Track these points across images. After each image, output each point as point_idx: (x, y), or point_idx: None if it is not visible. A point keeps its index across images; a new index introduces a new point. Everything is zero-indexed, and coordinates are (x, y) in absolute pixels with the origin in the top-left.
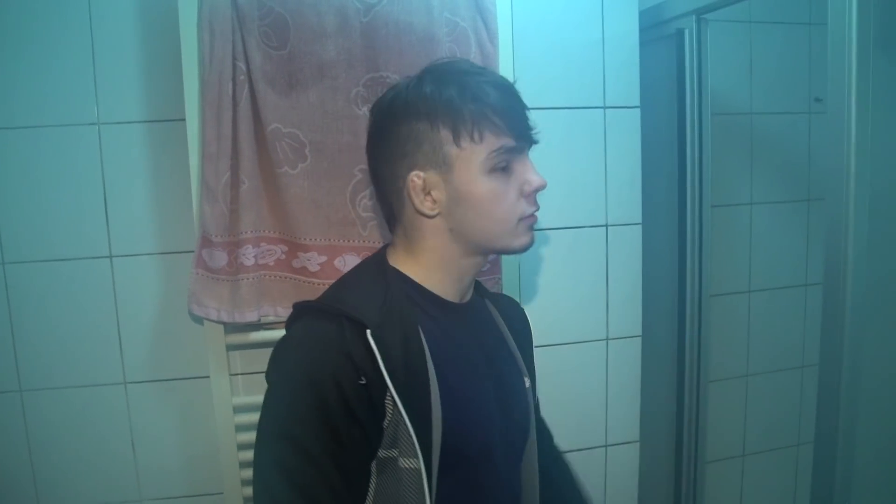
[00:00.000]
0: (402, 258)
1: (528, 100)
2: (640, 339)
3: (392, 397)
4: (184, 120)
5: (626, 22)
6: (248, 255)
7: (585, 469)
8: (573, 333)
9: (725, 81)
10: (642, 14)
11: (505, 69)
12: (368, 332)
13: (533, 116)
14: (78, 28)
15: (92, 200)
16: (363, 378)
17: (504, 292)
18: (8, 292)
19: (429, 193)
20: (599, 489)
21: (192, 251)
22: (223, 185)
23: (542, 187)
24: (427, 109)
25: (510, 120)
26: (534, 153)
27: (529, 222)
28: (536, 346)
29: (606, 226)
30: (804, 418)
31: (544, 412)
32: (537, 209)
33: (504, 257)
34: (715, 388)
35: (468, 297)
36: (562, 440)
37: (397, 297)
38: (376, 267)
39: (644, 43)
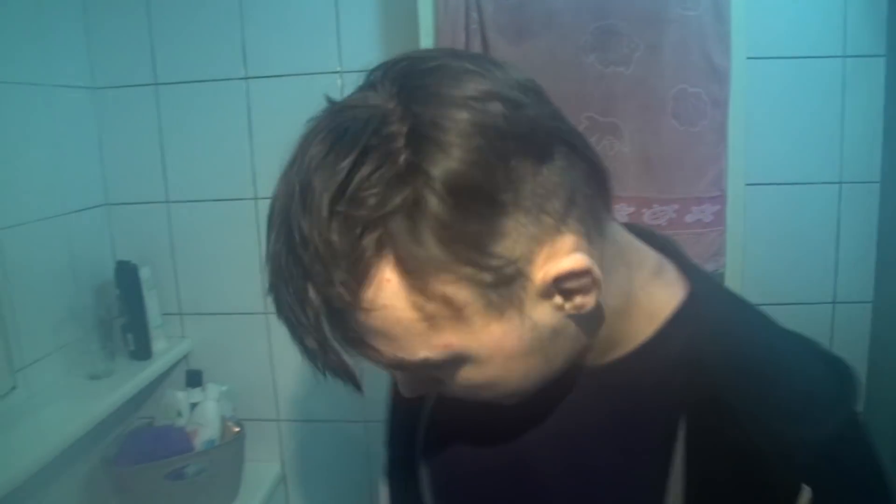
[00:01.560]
0: None
1: (759, 49)
2: (870, 306)
3: None
4: None
5: None
6: None
7: None
8: (796, 294)
9: None
10: None
11: (737, 16)
12: None
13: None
14: None
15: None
16: None
17: (728, 245)
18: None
19: None
20: None
21: None
22: None
23: None
24: None
25: None
26: (764, 104)
27: None
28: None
29: (840, 183)
30: None
31: None
32: None
33: (729, 211)
34: None
35: None
36: None
37: None
38: None
39: None
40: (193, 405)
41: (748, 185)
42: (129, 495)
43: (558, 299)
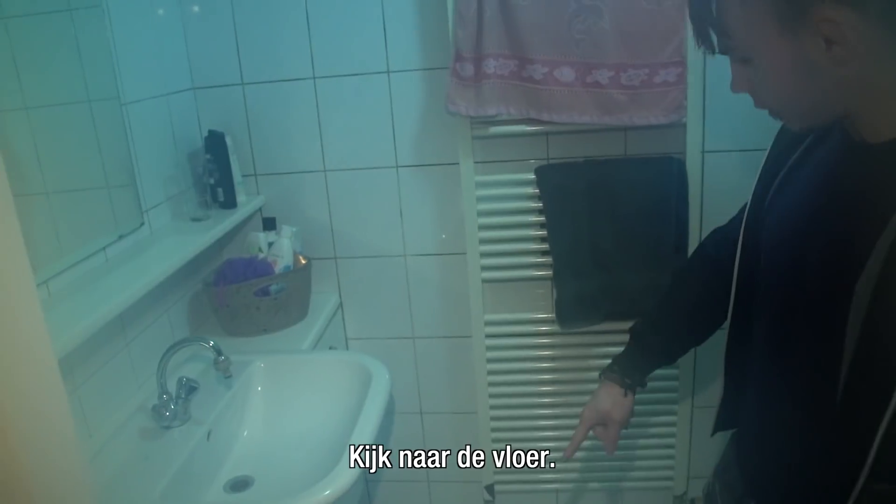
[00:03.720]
0: None
1: None
2: None
3: None
4: None
5: None
6: (490, 66)
7: None
8: (755, 142)
9: None
10: None
11: None
12: None
13: None
14: None
15: (373, 26)
16: None
17: (689, 101)
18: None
19: None
20: None
21: (448, 66)
22: (472, 13)
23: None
24: None
25: None
26: None
27: None
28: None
29: None
30: None
31: None
32: None
33: (690, 73)
34: None
35: None
36: None
37: None
38: None
39: None
40: (270, 244)
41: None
42: (226, 311)
43: (821, 41)
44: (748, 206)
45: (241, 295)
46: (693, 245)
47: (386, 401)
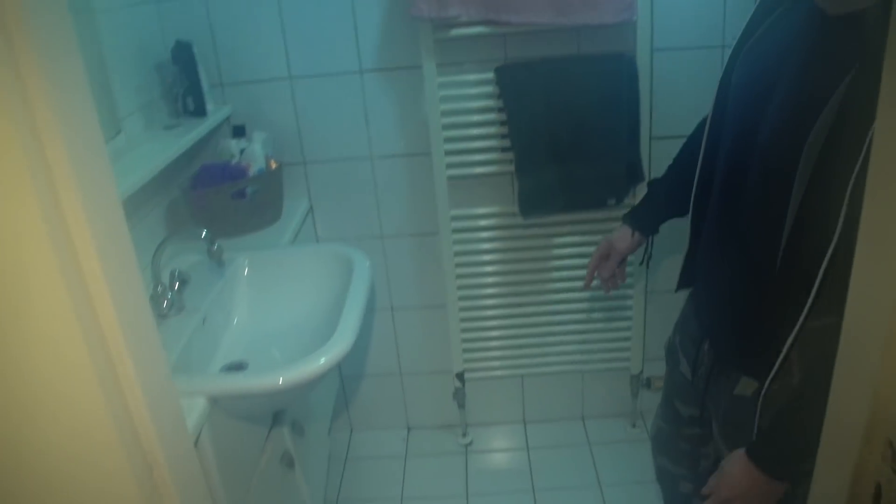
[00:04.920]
0: None
1: None
2: None
3: None
4: None
5: None
6: None
7: None
8: (693, 40)
9: None
10: None
11: None
12: None
13: None
14: None
15: None
16: None
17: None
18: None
19: None
20: None
21: None
22: None
23: None
24: None
25: None
26: None
27: None
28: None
29: None
30: None
31: None
32: None
33: None
34: None
35: None
36: None
37: None
38: None
39: None
40: (242, 150)
41: None
42: (205, 214)
43: None
44: (722, 71)
45: (220, 198)
46: (644, 138)
47: (369, 285)
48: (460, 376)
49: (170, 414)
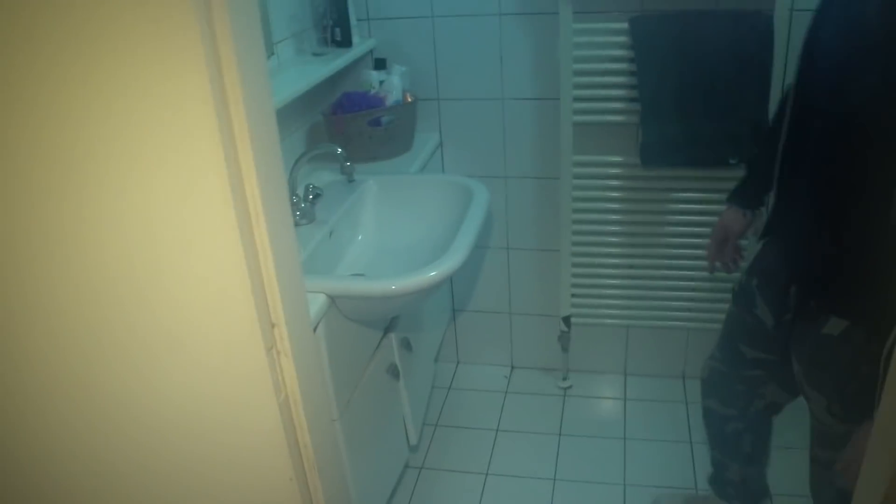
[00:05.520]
0: None
1: None
2: None
3: None
4: None
5: None
6: None
7: None
8: None
9: None
10: None
11: None
12: None
13: None
14: None
15: None
16: None
17: None
18: None
19: None
20: None
21: None
22: None
23: None
24: None
25: None
26: None
27: None
28: None
29: None
30: None
31: None
32: None
33: None
34: None
35: None
36: None
37: None
38: None
39: None
40: (381, 82)
41: None
42: (342, 138)
43: None
44: (807, 31)
45: (357, 123)
46: (774, 100)
47: (486, 212)
48: (566, 320)
49: (294, 285)
